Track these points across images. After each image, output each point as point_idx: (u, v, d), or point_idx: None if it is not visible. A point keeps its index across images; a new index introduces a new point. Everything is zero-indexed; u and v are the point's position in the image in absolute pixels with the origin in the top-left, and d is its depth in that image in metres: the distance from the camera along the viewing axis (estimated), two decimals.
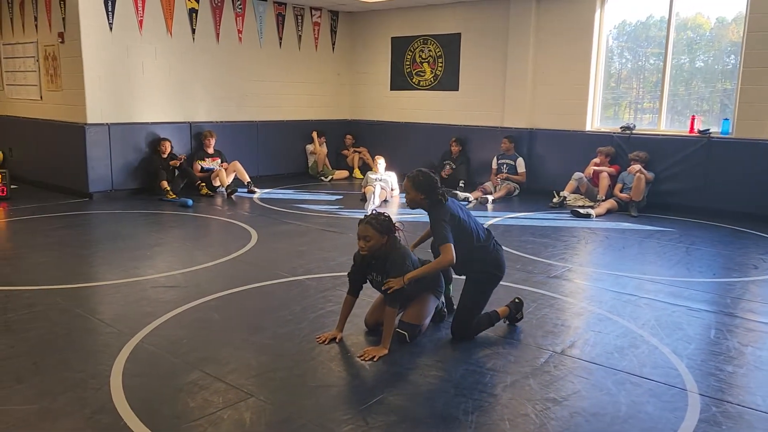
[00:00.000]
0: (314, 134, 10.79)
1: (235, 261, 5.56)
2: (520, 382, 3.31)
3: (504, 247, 6.04)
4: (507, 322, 4.11)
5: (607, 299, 4.69)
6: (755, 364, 3.61)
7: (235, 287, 4.78)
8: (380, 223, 3.67)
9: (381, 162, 8.94)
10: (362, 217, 3.77)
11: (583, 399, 3.14)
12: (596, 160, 8.59)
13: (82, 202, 8.23)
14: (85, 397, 3.05)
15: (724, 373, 3.47)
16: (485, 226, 4.03)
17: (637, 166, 8.10)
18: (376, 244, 3.67)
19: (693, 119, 8.30)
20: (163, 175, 8.56)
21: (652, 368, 3.49)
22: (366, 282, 3.90)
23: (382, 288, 3.68)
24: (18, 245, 6.14)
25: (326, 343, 3.73)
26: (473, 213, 4.11)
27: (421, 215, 4.06)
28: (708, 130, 8.13)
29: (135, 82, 8.69)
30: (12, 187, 8.50)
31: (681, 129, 8.57)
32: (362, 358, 3.54)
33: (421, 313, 3.83)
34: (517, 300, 4.13)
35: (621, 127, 8.77)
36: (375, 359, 3.52)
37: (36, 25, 8.92)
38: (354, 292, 3.87)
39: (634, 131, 8.64)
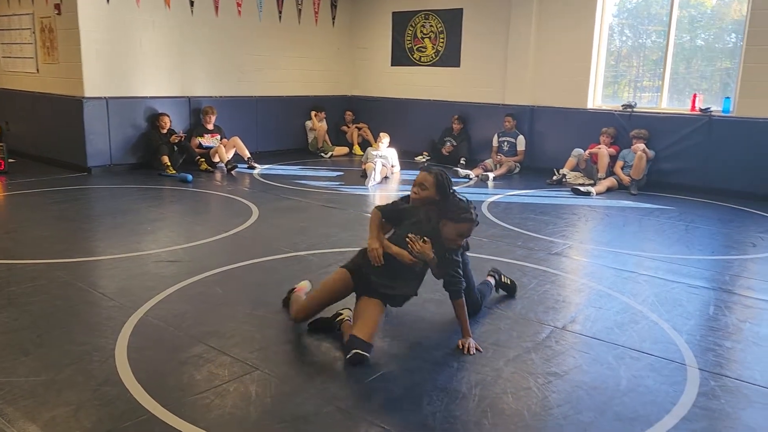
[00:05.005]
0: (313, 113, 10.72)
1: (237, 236, 5.57)
2: (522, 356, 3.35)
3: (505, 224, 6.10)
4: (499, 291, 4.17)
5: (607, 276, 4.72)
6: (753, 339, 3.65)
7: (237, 262, 4.78)
8: (444, 178, 3.51)
9: (385, 140, 8.88)
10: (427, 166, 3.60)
11: (584, 373, 3.18)
12: (602, 139, 8.50)
13: (81, 177, 8.20)
14: (90, 369, 3.08)
15: (723, 348, 3.51)
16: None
17: (641, 145, 8.07)
18: (428, 197, 3.49)
19: (695, 97, 8.26)
20: (164, 150, 8.51)
21: (652, 343, 3.53)
22: (394, 222, 3.59)
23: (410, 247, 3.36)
24: (18, 219, 6.13)
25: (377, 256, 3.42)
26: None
27: None
28: (709, 108, 8.10)
29: (133, 55, 8.60)
30: (10, 161, 8.47)
31: (682, 107, 8.54)
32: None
33: (372, 331, 3.32)
34: (492, 271, 4.18)
35: (622, 105, 8.73)
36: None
37: None
38: (386, 215, 3.54)
39: (635, 109, 8.62)
